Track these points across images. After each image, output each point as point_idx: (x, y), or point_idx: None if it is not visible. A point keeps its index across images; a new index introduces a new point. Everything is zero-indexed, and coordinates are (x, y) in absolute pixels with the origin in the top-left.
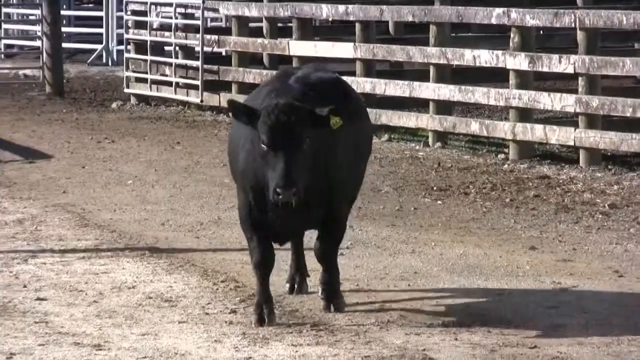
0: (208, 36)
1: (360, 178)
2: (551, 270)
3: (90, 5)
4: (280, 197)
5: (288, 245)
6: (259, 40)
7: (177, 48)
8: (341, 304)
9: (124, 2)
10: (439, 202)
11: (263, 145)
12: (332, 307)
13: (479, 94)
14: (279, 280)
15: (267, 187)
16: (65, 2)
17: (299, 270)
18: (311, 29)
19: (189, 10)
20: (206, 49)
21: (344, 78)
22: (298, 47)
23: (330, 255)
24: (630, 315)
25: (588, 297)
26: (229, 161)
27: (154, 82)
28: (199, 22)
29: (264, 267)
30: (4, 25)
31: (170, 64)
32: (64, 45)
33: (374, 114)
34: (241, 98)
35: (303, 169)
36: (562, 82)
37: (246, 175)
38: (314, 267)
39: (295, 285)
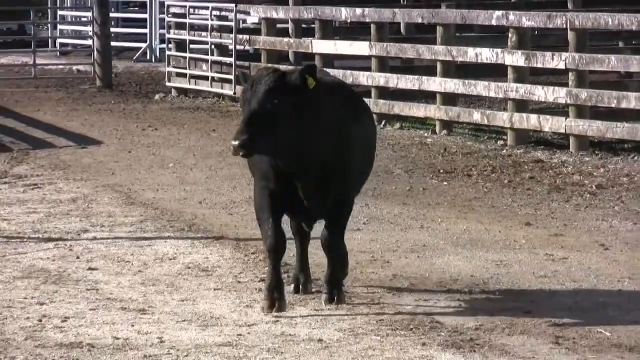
0: (241, 36)
1: (366, 174)
2: (544, 244)
3: (136, 8)
4: (231, 148)
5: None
6: (286, 39)
7: (213, 47)
8: (342, 297)
9: (166, 6)
10: (445, 183)
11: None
12: (335, 300)
13: (481, 87)
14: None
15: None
16: (114, 5)
17: (303, 271)
18: (332, 30)
19: (223, 13)
20: (239, 47)
21: (361, 73)
22: (320, 46)
23: (337, 246)
24: (615, 284)
25: (577, 267)
26: None
27: (192, 76)
28: (232, 24)
29: (276, 251)
30: (59, 27)
31: (207, 61)
32: (113, 44)
33: (388, 105)
34: None
35: (269, 127)
36: (554, 77)
37: (255, 160)
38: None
39: (300, 286)
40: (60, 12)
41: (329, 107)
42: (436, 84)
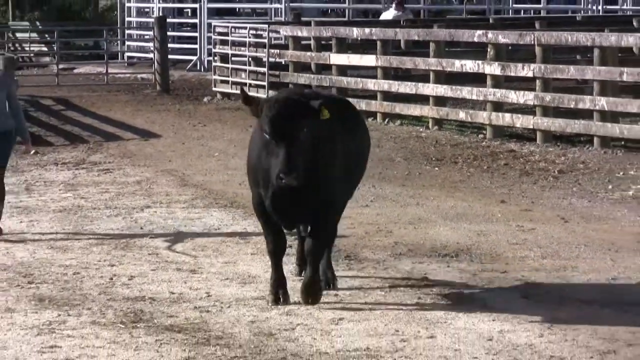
0: (272, 50)
1: (357, 180)
2: (516, 217)
3: (188, 28)
4: (283, 181)
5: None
6: (308, 53)
7: (249, 59)
8: (318, 296)
9: (212, 26)
10: (436, 168)
11: (266, 135)
12: (310, 300)
13: (465, 92)
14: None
15: (272, 173)
16: (171, 25)
17: (304, 266)
18: (345, 45)
19: (258, 32)
20: (271, 59)
21: (369, 80)
22: (336, 58)
23: (316, 252)
24: (572, 250)
25: (542, 236)
26: (247, 165)
27: (233, 83)
28: (265, 40)
29: (276, 253)
30: (127, 42)
31: (245, 70)
32: (169, 56)
33: (390, 106)
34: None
35: (302, 156)
36: (524, 83)
37: (257, 170)
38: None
39: (303, 271)
40: (127, 31)
41: (328, 125)
42: (429, 89)
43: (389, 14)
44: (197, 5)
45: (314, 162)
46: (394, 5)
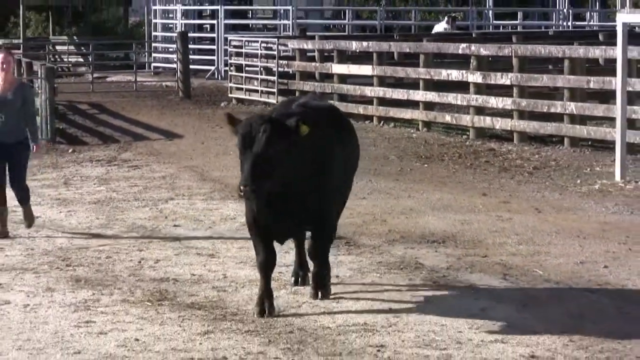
0: (281, 61)
1: (349, 186)
2: (495, 208)
3: (207, 41)
4: (241, 193)
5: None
6: (313, 63)
7: (261, 68)
8: (327, 292)
9: (228, 40)
10: (425, 165)
11: (238, 149)
12: (319, 295)
13: (451, 97)
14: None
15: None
16: (192, 39)
17: (301, 267)
18: (345, 57)
19: (269, 45)
20: (280, 69)
21: (366, 87)
22: (337, 68)
23: (321, 253)
24: (546, 237)
25: (519, 225)
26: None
27: (247, 90)
28: (275, 52)
29: (265, 267)
30: (153, 54)
31: (257, 79)
32: (191, 66)
33: (385, 110)
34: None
35: (270, 171)
36: (503, 90)
37: None
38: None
39: (299, 279)
40: (153, 44)
41: (314, 136)
42: (419, 95)
43: (440, 27)
44: (215, 22)
45: (289, 175)
46: (446, 19)
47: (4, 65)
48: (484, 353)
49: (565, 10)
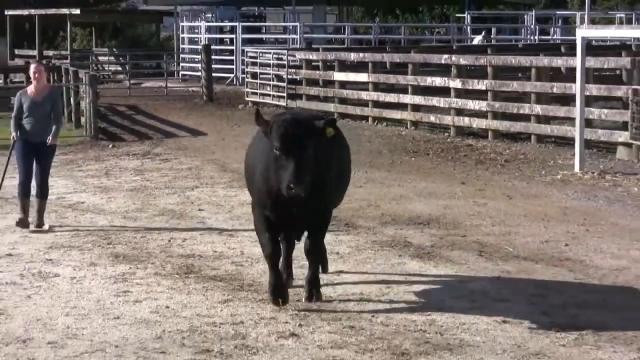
0: (290, 69)
1: (344, 190)
2: (472, 195)
3: (227, 53)
4: (292, 190)
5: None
6: (317, 71)
7: (273, 76)
8: (320, 295)
9: (245, 51)
10: (413, 158)
11: (275, 151)
12: (314, 299)
13: (435, 101)
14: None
15: (280, 185)
16: (214, 51)
17: (287, 269)
18: (345, 66)
19: (279, 55)
20: (289, 76)
21: (362, 92)
22: (338, 76)
23: (317, 251)
24: (515, 219)
25: (492, 209)
26: (246, 180)
27: (261, 94)
28: (285, 62)
29: (273, 257)
30: (181, 64)
31: (269, 85)
32: (213, 74)
33: (379, 111)
34: (308, 104)
35: (308, 169)
36: (479, 94)
37: (261, 187)
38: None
39: (286, 277)
40: (181, 55)
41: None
42: (408, 98)
43: (477, 40)
44: (233, 36)
45: (315, 175)
46: (483, 33)
47: (36, 75)
48: (462, 319)
49: (532, 26)
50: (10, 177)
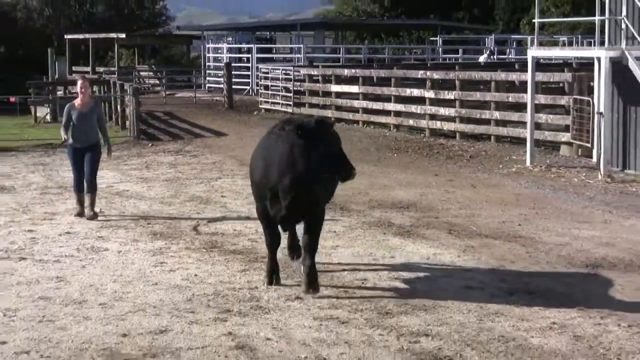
0: (295, 82)
1: (334, 186)
2: (444, 185)
3: (244, 69)
4: (353, 175)
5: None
6: (317, 84)
7: (281, 87)
8: (317, 285)
9: (259, 68)
10: (395, 155)
11: (322, 149)
12: (311, 291)
13: (413, 108)
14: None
15: (337, 174)
16: (234, 68)
17: (292, 249)
18: (340, 79)
19: (287, 71)
20: (294, 88)
21: (354, 101)
22: (334, 88)
23: (312, 245)
24: (478, 204)
25: (460, 196)
26: (250, 178)
27: (272, 102)
28: (291, 76)
29: (272, 245)
30: (207, 78)
31: (279, 95)
32: (233, 86)
33: (367, 116)
34: (310, 111)
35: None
36: (449, 103)
37: (263, 183)
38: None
39: (293, 256)
40: (207, 71)
41: None
42: (391, 106)
43: (482, 58)
44: (249, 56)
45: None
46: (488, 52)
47: (82, 89)
48: (436, 285)
49: (492, 47)
50: (68, 170)
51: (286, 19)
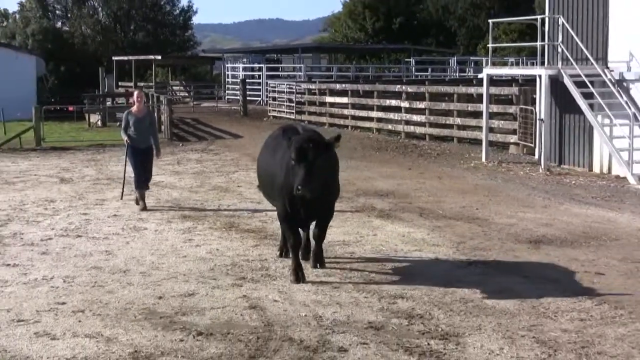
0: (297, 95)
1: (339, 189)
2: (416, 177)
3: (256, 85)
4: (299, 191)
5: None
6: (315, 96)
7: (286, 99)
8: (323, 264)
9: (268, 83)
10: (377, 153)
11: (292, 161)
12: (318, 266)
13: (391, 115)
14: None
15: (294, 186)
16: (248, 83)
17: (306, 248)
18: (333, 92)
19: (290, 85)
20: (297, 99)
21: (344, 110)
22: (328, 99)
23: (323, 237)
24: (444, 192)
25: (429, 186)
26: (263, 186)
27: (278, 111)
28: (294, 90)
29: (295, 245)
30: (226, 91)
31: (284, 104)
32: (247, 98)
33: (355, 122)
34: (309, 117)
35: (316, 176)
36: (420, 111)
37: (284, 188)
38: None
39: (305, 254)
40: (226, 85)
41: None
42: (374, 113)
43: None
44: (260, 73)
45: (323, 179)
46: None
47: (138, 99)
48: (409, 256)
49: (454, 66)
50: (113, 167)
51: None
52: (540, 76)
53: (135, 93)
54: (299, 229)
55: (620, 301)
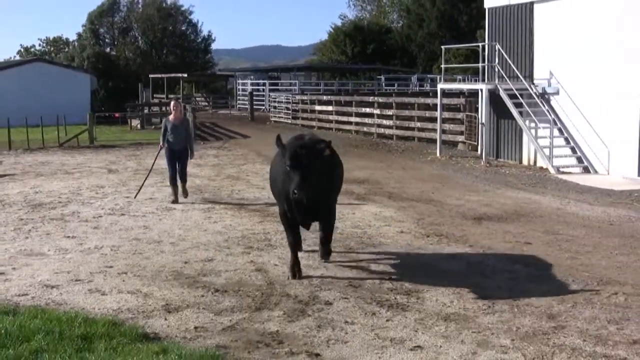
0: (293, 104)
1: (339, 190)
2: (387, 168)
3: (261, 96)
4: (295, 196)
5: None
6: (307, 105)
7: (285, 107)
8: (329, 257)
9: (270, 95)
10: (355, 149)
11: (287, 166)
12: (325, 257)
13: (366, 120)
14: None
15: (289, 190)
16: (255, 95)
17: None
18: (321, 102)
19: (288, 97)
20: (292, 108)
21: (330, 116)
22: (317, 107)
23: (329, 239)
24: (407, 180)
25: (396, 175)
26: (270, 186)
27: (278, 116)
28: (291, 100)
29: (294, 244)
30: (238, 101)
31: (283, 112)
32: (254, 107)
33: (338, 125)
34: (302, 122)
35: (311, 180)
36: (389, 117)
37: (283, 192)
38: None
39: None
40: (237, 97)
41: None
42: (352, 119)
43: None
44: (264, 87)
45: (319, 182)
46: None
47: (175, 107)
48: (380, 230)
49: (415, 82)
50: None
51: (287, 64)
52: (481, 90)
53: (172, 103)
54: (299, 229)
55: (544, 264)
